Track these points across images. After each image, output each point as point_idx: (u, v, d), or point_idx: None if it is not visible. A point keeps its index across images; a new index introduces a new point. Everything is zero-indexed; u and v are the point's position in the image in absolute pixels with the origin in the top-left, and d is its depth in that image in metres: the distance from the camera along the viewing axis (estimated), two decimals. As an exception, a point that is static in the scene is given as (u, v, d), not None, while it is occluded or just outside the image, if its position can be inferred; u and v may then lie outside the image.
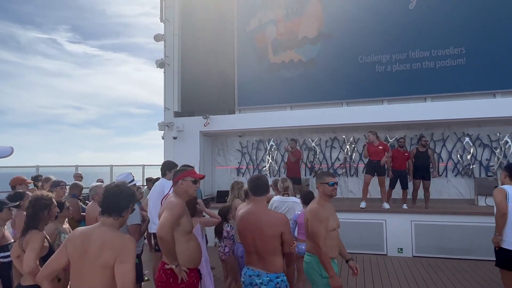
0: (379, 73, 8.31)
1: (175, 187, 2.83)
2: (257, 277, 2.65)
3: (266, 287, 2.62)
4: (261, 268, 2.67)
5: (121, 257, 2.00)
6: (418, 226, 7.01)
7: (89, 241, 2.07)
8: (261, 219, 2.72)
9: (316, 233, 2.87)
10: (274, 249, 2.69)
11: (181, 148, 9.11)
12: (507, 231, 3.80)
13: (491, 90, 7.67)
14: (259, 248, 2.67)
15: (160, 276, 2.65)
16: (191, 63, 9.71)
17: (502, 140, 8.06)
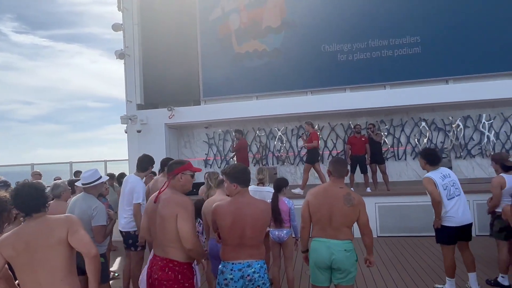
0: (341, 62, 8.54)
1: (173, 181, 2.67)
2: (248, 268, 2.62)
3: (259, 274, 2.63)
4: (250, 257, 2.65)
5: (72, 229, 2.28)
6: (381, 207, 7.37)
7: (31, 233, 2.22)
8: (256, 208, 2.70)
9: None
10: (262, 237, 2.75)
11: (145, 141, 8.88)
12: (442, 214, 4.14)
13: (444, 77, 8.14)
14: (249, 239, 2.64)
15: (167, 274, 2.51)
16: (153, 53, 9.43)
17: (454, 123, 8.62)
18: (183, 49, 9.29)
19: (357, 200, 3.02)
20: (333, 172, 3.12)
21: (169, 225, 2.51)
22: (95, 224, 3.34)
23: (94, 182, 3.51)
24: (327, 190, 3.09)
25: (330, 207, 2.98)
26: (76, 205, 3.45)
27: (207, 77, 9.18)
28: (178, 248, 2.53)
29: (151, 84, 9.43)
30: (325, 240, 3.00)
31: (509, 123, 8.40)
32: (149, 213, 2.71)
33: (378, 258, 5.87)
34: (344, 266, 2.95)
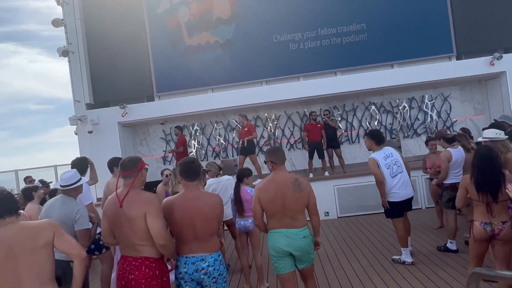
0: (293, 51, 8.69)
1: (136, 179, 2.61)
2: (201, 262, 2.61)
3: (213, 267, 2.62)
4: (203, 251, 2.63)
5: (58, 232, 2.28)
6: (340, 189, 7.70)
7: (13, 237, 2.17)
8: (204, 202, 2.67)
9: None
10: (214, 230, 2.71)
11: (98, 142, 8.47)
12: (387, 191, 4.50)
13: (389, 62, 8.59)
14: (200, 233, 2.62)
15: (144, 272, 2.48)
16: (99, 49, 8.97)
17: (401, 105, 9.16)
18: (132, 44, 8.93)
19: (305, 184, 3.09)
20: (274, 160, 3.14)
21: (138, 225, 2.47)
22: (79, 228, 3.12)
23: (76, 184, 3.31)
24: (275, 181, 3.08)
25: (282, 198, 3.00)
26: (55, 209, 3.20)
27: (159, 72, 8.92)
28: (151, 245, 2.51)
29: (100, 81, 8.98)
30: (283, 230, 3.03)
31: (448, 102, 9.09)
32: (110, 216, 2.60)
33: (340, 237, 6.15)
34: (305, 252, 3.05)
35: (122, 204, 2.51)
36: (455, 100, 9.15)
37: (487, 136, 3.97)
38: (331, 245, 5.76)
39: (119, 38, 8.92)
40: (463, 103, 9.14)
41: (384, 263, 4.73)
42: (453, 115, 9.08)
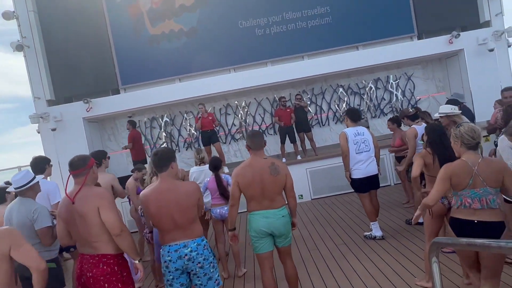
0: (259, 37, 8.64)
1: (88, 176, 2.62)
2: (184, 248, 2.63)
3: (196, 252, 2.64)
4: (185, 238, 2.65)
5: (15, 243, 2.17)
6: (312, 172, 7.84)
7: None
8: (178, 192, 2.67)
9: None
10: (194, 217, 2.73)
11: (63, 139, 8.15)
12: (351, 166, 4.84)
13: (354, 44, 8.72)
14: (179, 222, 2.63)
15: (102, 269, 2.48)
16: (57, 42, 8.52)
17: (367, 86, 9.37)
18: (92, 35, 8.54)
19: (281, 167, 3.19)
20: (252, 146, 3.21)
21: (92, 220, 2.50)
22: (38, 227, 3.06)
23: (29, 183, 3.17)
24: (252, 166, 3.15)
25: (260, 181, 3.08)
26: (13, 213, 3.12)
27: (123, 63, 8.62)
28: (107, 241, 2.53)
29: (60, 76, 8.57)
30: (263, 211, 3.14)
31: (412, 81, 9.38)
32: (64, 216, 2.61)
33: (314, 219, 6.30)
34: (284, 230, 3.18)
35: (74, 201, 2.53)
36: (418, 79, 9.45)
37: (443, 112, 4.15)
38: (306, 227, 5.89)
39: (77, 30, 8.51)
40: (425, 82, 9.46)
41: (356, 240, 4.90)
42: (417, 93, 9.40)
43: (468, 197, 2.50)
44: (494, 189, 2.49)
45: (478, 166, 2.50)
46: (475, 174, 2.49)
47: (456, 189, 2.60)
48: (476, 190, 2.49)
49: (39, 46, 8.38)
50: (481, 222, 2.45)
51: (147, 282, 4.66)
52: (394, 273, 3.75)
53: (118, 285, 2.52)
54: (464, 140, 2.59)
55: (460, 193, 2.55)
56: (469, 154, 2.58)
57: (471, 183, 2.50)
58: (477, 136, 2.58)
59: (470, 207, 2.48)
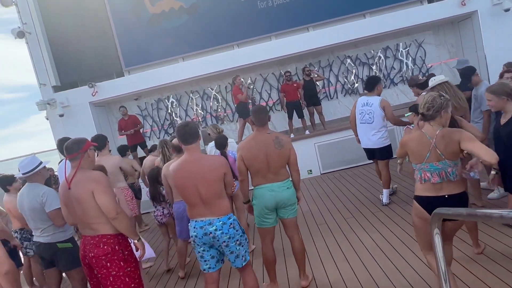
0: (261, 10, 8.37)
1: (83, 160, 2.63)
2: (209, 226, 2.61)
3: (221, 231, 2.62)
4: (211, 215, 2.64)
5: None
6: (321, 146, 7.74)
7: None
8: (203, 165, 2.64)
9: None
10: (219, 193, 2.69)
11: (71, 125, 8.20)
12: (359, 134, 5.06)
13: (361, 11, 8.37)
14: (204, 196, 2.61)
15: (103, 249, 2.53)
16: (58, 27, 8.46)
17: (376, 56, 9.06)
18: (92, 18, 8.43)
19: (285, 141, 3.16)
20: (256, 121, 3.19)
21: (87, 203, 2.53)
22: (49, 209, 3.13)
23: (36, 169, 3.23)
24: (256, 140, 3.13)
25: (264, 155, 3.07)
26: (24, 198, 3.23)
27: (125, 45, 8.52)
28: (105, 222, 2.57)
29: (64, 61, 8.55)
30: (268, 185, 3.14)
31: (423, 48, 9.01)
32: (63, 200, 2.69)
33: (323, 193, 6.26)
34: (289, 201, 3.18)
35: (70, 186, 2.57)
36: (430, 45, 9.07)
37: (433, 84, 4.05)
38: (315, 202, 5.87)
39: (78, 13, 8.40)
40: (437, 48, 9.08)
41: (365, 213, 4.84)
42: (428, 60, 9.04)
43: (427, 171, 2.41)
44: (453, 162, 2.37)
45: (436, 139, 2.38)
46: (433, 147, 2.39)
47: (414, 162, 2.52)
48: (434, 164, 2.39)
49: (41, 32, 8.34)
50: (450, 195, 2.37)
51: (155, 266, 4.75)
52: (403, 245, 3.70)
53: (120, 263, 2.57)
54: (420, 110, 2.48)
55: (419, 166, 2.46)
56: (428, 127, 2.44)
57: (428, 156, 2.40)
58: (429, 107, 2.41)
59: (430, 181, 2.39)
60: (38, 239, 3.28)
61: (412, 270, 3.21)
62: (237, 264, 2.75)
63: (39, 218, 3.19)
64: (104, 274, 2.54)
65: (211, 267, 2.73)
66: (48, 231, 3.22)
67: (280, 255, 4.00)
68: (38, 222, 3.21)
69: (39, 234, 3.25)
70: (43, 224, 3.21)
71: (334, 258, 3.77)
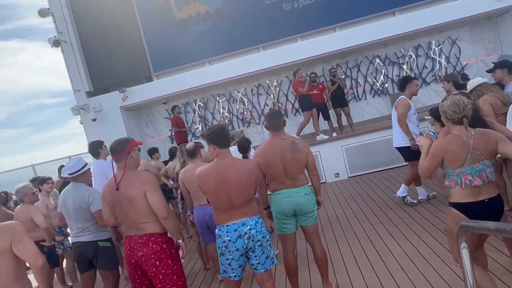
0: (287, 11, 8.31)
1: (127, 161, 2.64)
2: (243, 226, 2.61)
3: (255, 229, 2.63)
4: (243, 216, 2.64)
5: (16, 239, 2.17)
6: (348, 149, 7.55)
7: None
8: (239, 169, 2.63)
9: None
10: (252, 195, 2.71)
11: (103, 129, 8.53)
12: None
13: (390, 9, 8.11)
14: (236, 200, 2.60)
15: (152, 248, 2.56)
16: (91, 35, 8.83)
17: (407, 55, 8.73)
18: (122, 25, 8.73)
19: (302, 145, 3.09)
20: (270, 126, 3.12)
21: (139, 203, 2.56)
22: (94, 209, 3.25)
23: (81, 170, 3.37)
24: (272, 146, 3.07)
25: (281, 161, 3.01)
26: (69, 197, 3.35)
27: (153, 50, 8.75)
28: (154, 221, 2.60)
29: (96, 68, 8.91)
30: (286, 190, 3.07)
31: (457, 45, 8.59)
32: (108, 200, 2.68)
33: (350, 197, 6.09)
34: (308, 208, 3.09)
35: (118, 187, 2.59)
36: (464, 42, 8.63)
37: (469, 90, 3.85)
38: (341, 206, 5.71)
39: (108, 21, 8.74)
40: (473, 45, 8.62)
41: (394, 219, 4.65)
42: (463, 58, 8.61)
43: (468, 174, 2.29)
44: (490, 162, 2.31)
45: (473, 139, 2.29)
46: (472, 148, 2.27)
47: (452, 167, 2.36)
48: (475, 166, 2.28)
49: (75, 40, 8.73)
50: (489, 199, 2.29)
51: (190, 264, 4.79)
52: (433, 255, 3.50)
53: (167, 262, 2.60)
54: (447, 115, 2.37)
55: (459, 171, 2.32)
56: (459, 128, 2.35)
57: (469, 158, 2.28)
58: (461, 110, 2.31)
59: (471, 184, 2.27)
60: (78, 239, 3.36)
61: (443, 281, 3.03)
62: (266, 266, 2.72)
63: (83, 217, 3.30)
64: (153, 273, 2.57)
65: (236, 275, 2.72)
66: (90, 230, 3.33)
67: (304, 260, 3.92)
68: (81, 221, 3.31)
69: (80, 233, 3.34)
70: (86, 223, 3.32)
71: (359, 265, 3.64)
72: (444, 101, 2.43)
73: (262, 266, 2.70)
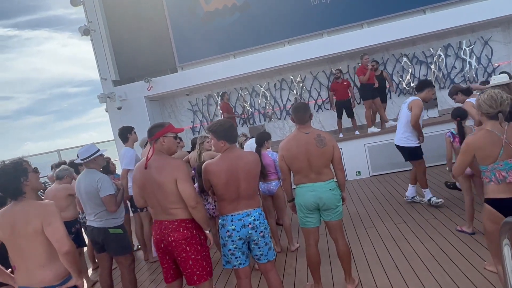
0: (314, 6, 8.22)
1: (156, 145, 2.68)
2: (247, 217, 2.66)
3: (258, 220, 2.69)
4: (248, 207, 2.69)
5: (46, 221, 2.20)
6: (371, 148, 7.45)
7: (13, 218, 2.22)
8: (248, 161, 2.71)
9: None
10: (256, 187, 2.83)
11: (128, 117, 8.66)
12: None
13: (421, 7, 7.91)
14: (244, 191, 2.67)
15: (183, 233, 2.58)
16: (119, 25, 8.98)
17: (435, 55, 8.52)
18: (150, 16, 8.84)
19: (328, 139, 3.06)
20: (296, 119, 3.12)
21: (169, 189, 2.57)
22: (103, 195, 3.32)
23: (92, 156, 3.44)
24: (297, 139, 3.07)
25: (306, 154, 3.00)
26: (81, 183, 3.44)
27: (179, 42, 8.83)
28: (184, 207, 2.61)
29: (123, 57, 9.07)
30: (310, 184, 3.06)
31: (489, 46, 8.32)
32: (139, 181, 2.71)
33: (372, 196, 6.03)
34: (332, 204, 3.06)
35: (146, 166, 2.63)
36: (497, 43, 8.34)
37: (495, 83, 3.70)
38: (363, 204, 5.66)
39: (137, 11, 8.87)
40: (506, 46, 8.33)
41: (418, 219, 4.58)
42: (495, 59, 8.32)
43: (502, 169, 2.26)
44: None
45: (506, 134, 2.25)
46: (505, 143, 2.23)
47: (485, 163, 2.33)
48: (509, 161, 2.24)
49: (104, 30, 8.89)
50: None
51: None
52: (460, 256, 3.44)
53: (197, 247, 2.63)
54: (482, 109, 2.33)
55: (492, 166, 2.29)
56: (493, 123, 2.31)
57: (502, 153, 2.24)
58: (497, 105, 2.28)
59: (506, 181, 2.24)
60: (91, 223, 3.44)
61: (471, 283, 2.97)
62: (269, 257, 2.77)
63: (94, 202, 3.36)
64: (183, 258, 2.59)
65: (241, 263, 2.74)
66: (101, 216, 3.38)
67: (325, 255, 3.91)
68: (92, 207, 3.38)
69: (93, 218, 3.42)
70: (97, 209, 3.37)
71: (383, 264, 3.60)
72: (481, 95, 2.39)
73: (265, 257, 2.77)
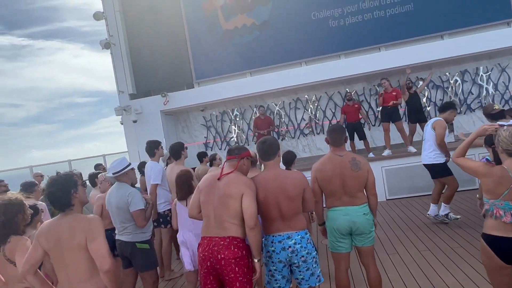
0: (333, 28, 8.33)
1: (239, 163, 2.69)
2: (288, 239, 2.60)
3: (300, 244, 2.61)
4: (289, 229, 2.63)
5: (90, 236, 2.18)
6: (388, 171, 7.37)
7: (59, 231, 2.22)
8: (284, 181, 2.65)
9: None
10: (299, 208, 2.70)
11: (142, 130, 8.72)
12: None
13: (439, 33, 7.99)
14: (285, 212, 2.62)
15: (234, 252, 2.47)
16: (139, 40, 9.13)
17: (452, 79, 8.53)
18: (170, 32, 9.00)
19: (363, 163, 3.02)
20: (331, 141, 3.09)
21: (233, 203, 2.52)
22: (133, 209, 3.30)
23: (124, 169, 3.43)
24: (332, 161, 3.03)
25: (340, 177, 2.96)
26: (112, 197, 3.43)
27: (197, 59, 8.94)
28: (239, 225, 2.53)
29: (141, 71, 9.18)
30: (343, 208, 3.00)
31: (507, 73, 8.33)
32: (206, 190, 2.66)
33: (390, 220, 5.92)
34: (366, 229, 3.00)
35: (221, 177, 2.61)
36: (515, 70, 8.37)
37: None
38: (383, 228, 5.54)
39: (157, 28, 9.03)
40: (523, 73, 8.35)
41: (443, 247, 4.46)
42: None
43: (501, 208, 2.24)
44: None
45: None
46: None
47: (487, 196, 2.33)
48: (511, 202, 2.22)
49: (124, 44, 9.04)
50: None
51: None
52: None
53: (245, 270, 2.50)
54: (503, 145, 2.31)
55: (492, 202, 2.29)
56: (510, 161, 2.28)
57: (506, 193, 2.22)
58: None
59: (501, 219, 2.23)
60: (120, 237, 3.43)
61: (508, 318, 2.85)
62: (310, 283, 2.68)
63: (123, 216, 3.35)
64: (231, 278, 2.46)
65: (281, 287, 2.68)
66: (130, 230, 3.37)
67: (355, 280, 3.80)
68: (122, 221, 3.37)
69: (122, 232, 3.40)
70: (126, 223, 3.36)
71: (410, 292, 3.49)
72: (502, 131, 2.37)
73: (306, 282, 2.68)
